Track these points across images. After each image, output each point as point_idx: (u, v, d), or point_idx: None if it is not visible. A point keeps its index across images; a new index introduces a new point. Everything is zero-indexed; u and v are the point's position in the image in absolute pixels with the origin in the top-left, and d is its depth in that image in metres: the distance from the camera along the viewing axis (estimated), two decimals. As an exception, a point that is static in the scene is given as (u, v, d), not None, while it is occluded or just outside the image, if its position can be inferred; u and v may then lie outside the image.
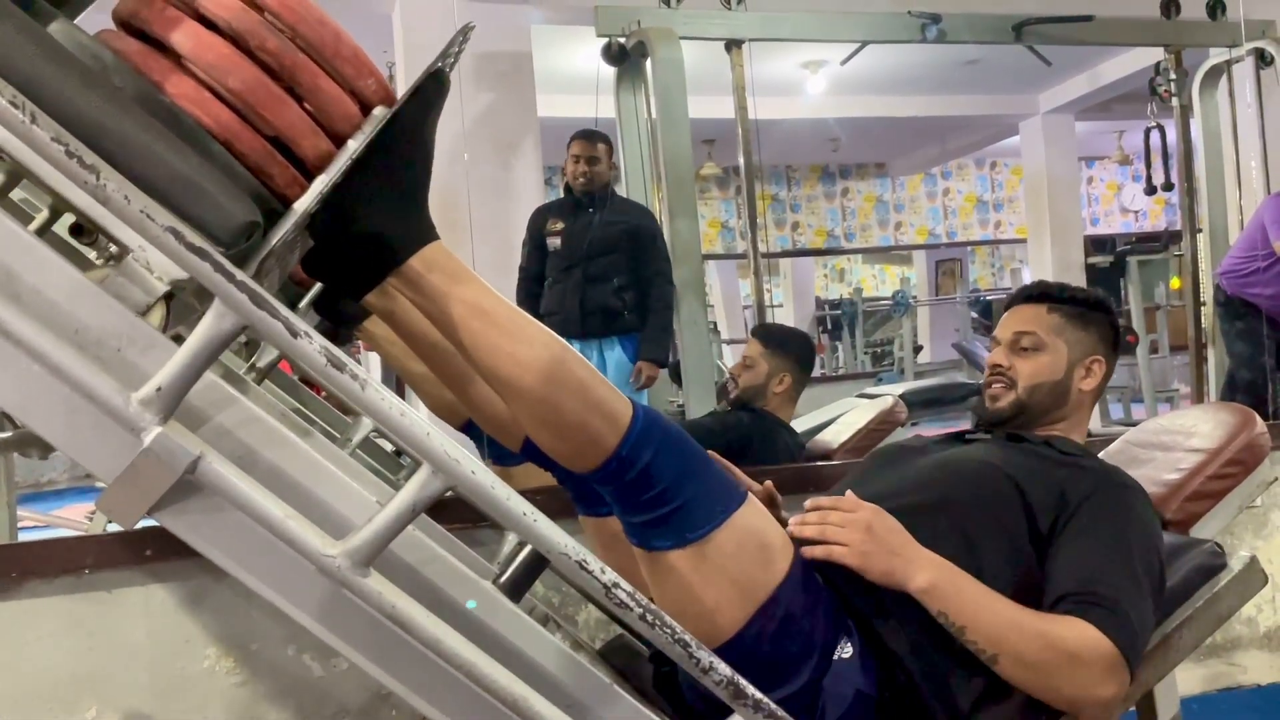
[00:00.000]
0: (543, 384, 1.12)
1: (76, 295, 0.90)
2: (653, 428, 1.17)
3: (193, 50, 0.98)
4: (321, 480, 0.97)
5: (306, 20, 1.02)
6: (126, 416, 0.86)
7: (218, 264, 0.81)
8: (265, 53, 0.99)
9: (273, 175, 1.00)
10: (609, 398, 1.16)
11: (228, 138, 0.98)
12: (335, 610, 0.97)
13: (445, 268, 1.12)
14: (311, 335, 0.84)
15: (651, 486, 1.16)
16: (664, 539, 1.20)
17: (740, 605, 1.22)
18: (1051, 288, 1.70)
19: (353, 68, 1.05)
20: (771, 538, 1.27)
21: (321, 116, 1.03)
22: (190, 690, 1.93)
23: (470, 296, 1.13)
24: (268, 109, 0.99)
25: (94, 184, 0.78)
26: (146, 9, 1.00)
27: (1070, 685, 1.25)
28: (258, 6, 1.00)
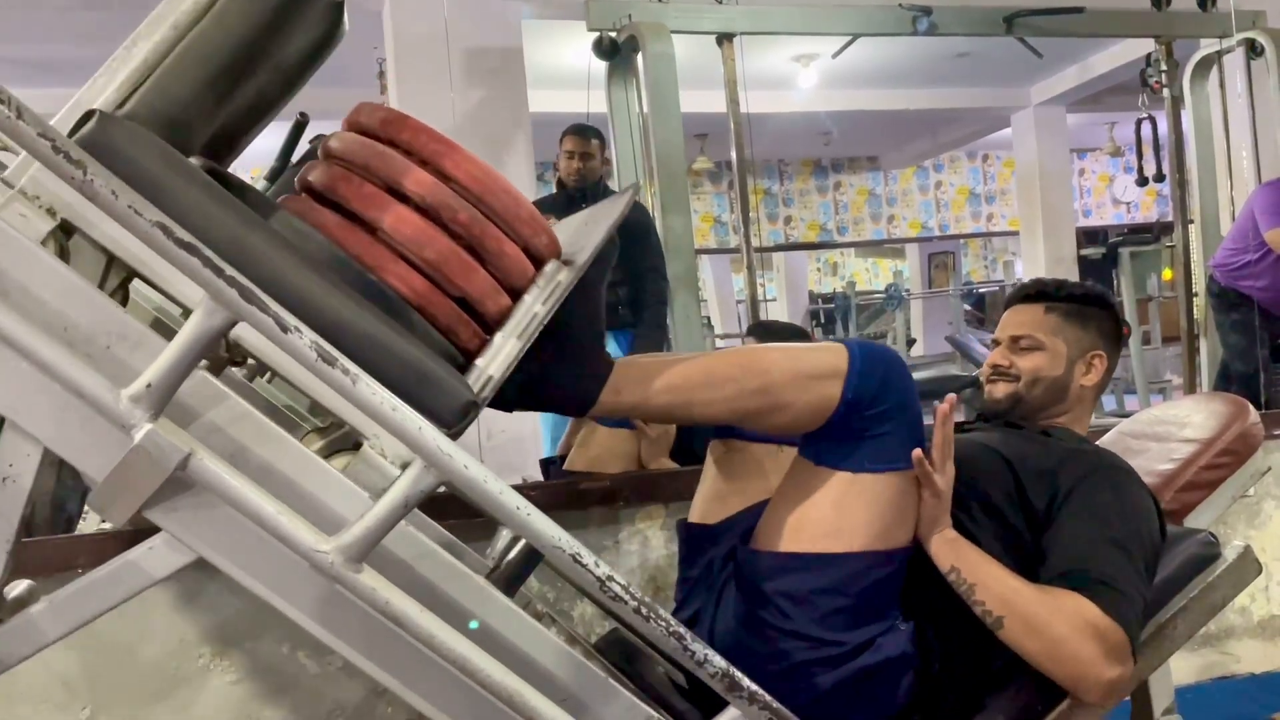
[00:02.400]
0: (772, 395, 1.22)
1: (65, 293, 0.90)
2: (871, 361, 1.24)
3: (392, 226, 1.04)
4: (314, 476, 0.97)
5: (493, 191, 1.07)
6: (116, 413, 0.85)
7: (206, 259, 0.80)
8: (458, 224, 1.05)
9: (459, 334, 1.06)
10: (822, 359, 1.24)
11: (422, 304, 1.04)
12: (329, 607, 0.96)
13: (630, 386, 1.21)
14: (302, 330, 0.83)
15: (864, 415, 1.23)
16: (844, 460, 1.27)
17: (861, 540, 1.27)
18: (1048, 286, 1.71)
19: (530, 228, 1.11)
20: (913, 511, 1.33)
21: (501, 276, 1.09)
22: (184, 689, 1.93)
23: (661, 387, 1.22)
24: (461, 277, 1.05)
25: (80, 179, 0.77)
26: (344, 184, 1.06)
27: (1073, 659, 1.27)
28: (447, 178, 1.05)
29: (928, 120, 8.06)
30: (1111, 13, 4.92)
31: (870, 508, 1.28)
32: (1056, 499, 1.41)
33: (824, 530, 1.28)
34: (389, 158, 1.06)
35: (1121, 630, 1.26)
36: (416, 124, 1.09)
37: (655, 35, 4.06)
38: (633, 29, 4.11)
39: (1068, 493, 1.40)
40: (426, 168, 1.06)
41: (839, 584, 1.28)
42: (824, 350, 1.26)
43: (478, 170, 1.07)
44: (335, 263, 1.02)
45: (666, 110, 4.07)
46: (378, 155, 1.06)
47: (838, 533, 1.28)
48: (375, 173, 1.05)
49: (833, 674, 1.28)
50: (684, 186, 4.19)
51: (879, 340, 10.72)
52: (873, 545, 1.29)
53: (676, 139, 4.12)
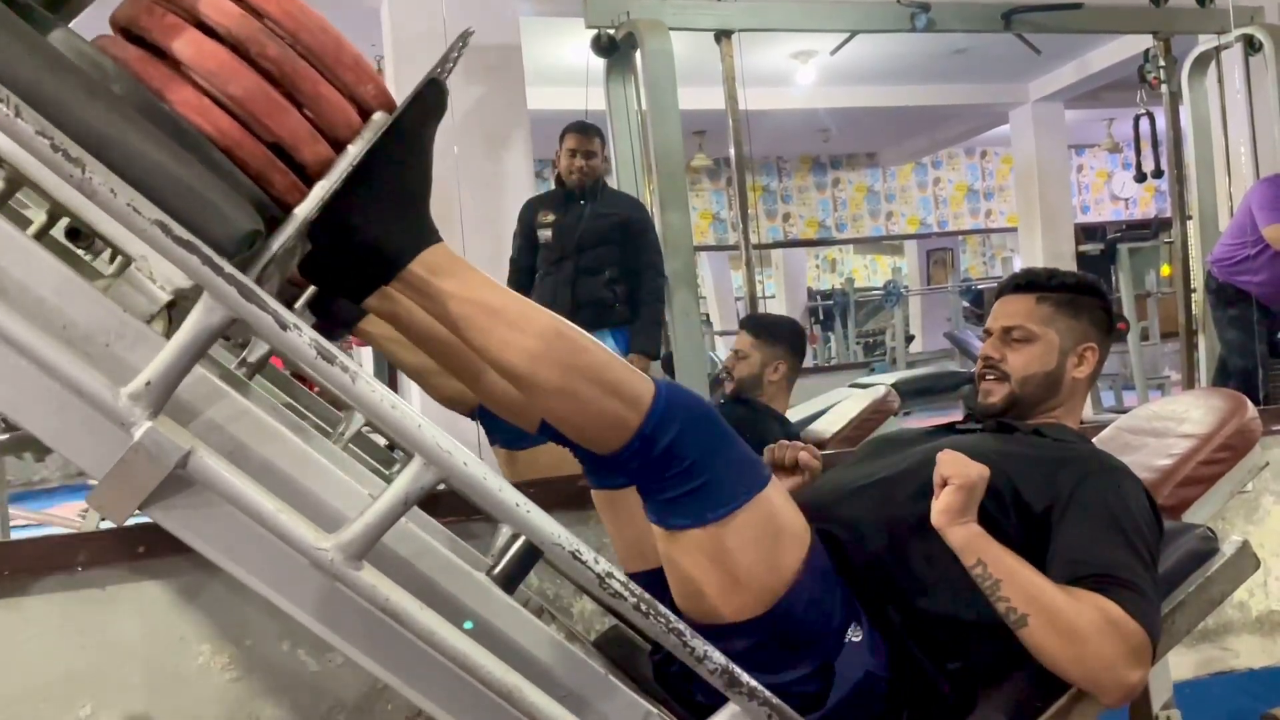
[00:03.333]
0: (559, 374, 1.13)
1: (65, 291, 0.90)
2: (675, 405, 1.17)
3: (193, 58, 0.98)
4: (313, 474, 0.97)
5: (307, 27, 1.02)
6: (116, 411, 0.85)
7: (205, 257, 0.80)
8: (266, 60, 0.99)
9: (273, 182, 1.00)
10: (628, 378, 1.17)
11: (229, 145, 0.98)
12: (329, 604, 0.97)
13: (448, 269, 1.12)
14: (301, 328, 0.84)
15: (674, 464, 1.17)
16: (683, 518, 1.21)
17: (756, 588, 1.23)
18: (1039, 276, 1.70)
19: (353, 74, 1.05)
20: (791, 522, 1.28)
21: (322, 122, 1.03)
22: (184, 687, 1.93)
23: (476, 295, 1.13)
24: (269, 116, 0.99)
25: (79, 177, 0.77)
26: (146, 16, 0.99)
27: (1096, 658, 1.25)
28: (258, 13, 1.00)
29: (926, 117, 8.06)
30: (1110, 9, 4.92)
31: (743, 550, 1.24)
32: (1057, 502, 1.39)
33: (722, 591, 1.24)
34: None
35: (1144, 632, 1.25)
36: None
37: (653, 32, 4.06)
38: (631, 26, 4.10)
39: (1069, 496, 1.39)
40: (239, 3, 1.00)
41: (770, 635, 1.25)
42: (639, 378, 1.19)
43: (292, 5, 1.02)
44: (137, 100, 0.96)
45: (665, 107, 4.07)
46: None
47: (734, 588, 1.24)
48: (179, 3, 0.99)
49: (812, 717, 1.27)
50: (683, 184, 4.19)
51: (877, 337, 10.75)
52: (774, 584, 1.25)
53: (675, 136, 4.11)
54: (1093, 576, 1.31)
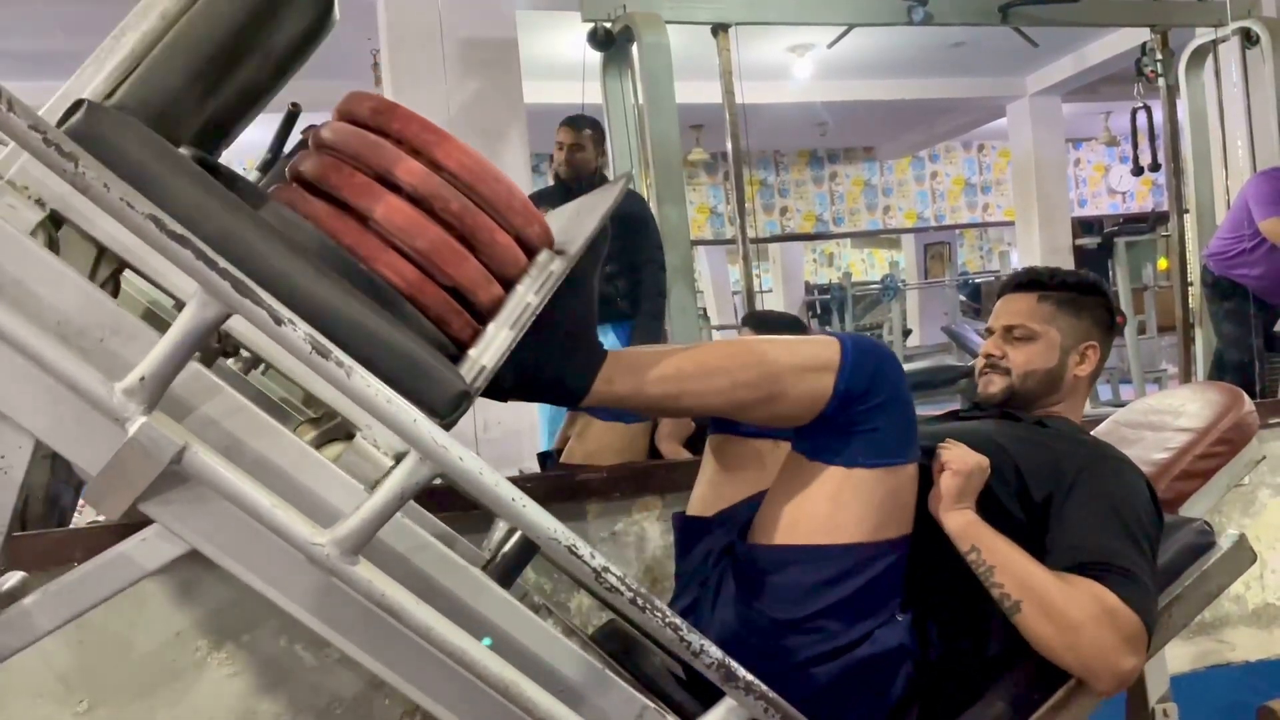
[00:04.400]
0: (765, 386, 1.21)
1: (59, 286, 0.89)
2: (863, 355, 1.23)
3: (383, 215, 1.02)
4: (309, 469, 0.96)
5: (484, 180, 1.06)
6: (110, 407, 0.85)
7: (199, 251, 0.80)
8: (449, 214, 1.04)
9: (450, 323, 1.05)
10: (815, 351, 1.23)
11: (413, 294, 1.03)
12: (325, 599, 0.96)
13: (623, 374, 1.20)
14: (296, 323, 0.83)
15: (857, 409, 1.23)
16: (837, 454, 1.25)
17: (853, 538, 1.27)
18: (1042, 274, 1.70)
19: (522, 218, 1.10)
20: (909, 504, 1.32)
21: (494, 266, 1.08)
22: (182, 683, 1.93)
23: (655, 377, 1.21)
24: (451, 265, 1.04)
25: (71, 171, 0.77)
26: (335, 174, 1.04)
27: (1090, 645, 1.26)
28: (438, 167, 1.04)
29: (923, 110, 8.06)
30: (1107, 1, 4.92)
31: (865, 502, 1.27)
32: (1059, 489, 1.40)
33: (820, 525, 1.27)
34: (380, 147, 1.05)
35: (1139, 619, 1.26)
36: (407, 113, 1.08)
37: (650, 25, 4.05)
38: (627, 19, 4.09)
39: (1071, 484, 1.40)
40: (418, 157, 1.05)
41: (836, 577, 1.28)
42: (816, 343, 1.25)
43: (469, 159, 1.06)
44: (326, 253, 1.01)
45: (662, 101, 4.06)
46: (368, 145, 1.05)
47: (834, 527, 1.27)
48: (366, 162, 1.04)
49: (830, 666, 1.28)
50: (679, 177, 4.19)
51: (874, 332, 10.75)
52: (869, 538, 1.28)
53: (672, 130, 4.11)
54: (1090, 564, 1.32)
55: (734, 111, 4.38)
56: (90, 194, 0.78)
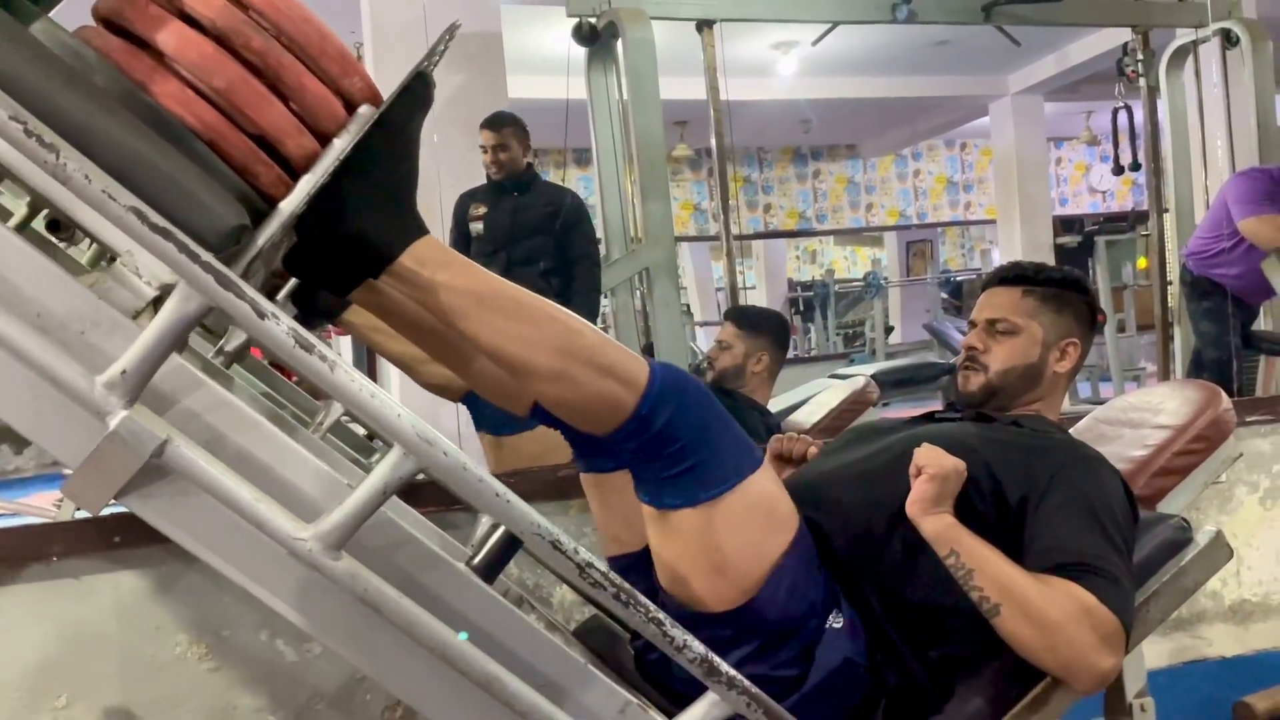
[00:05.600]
0: (555, 359, 1.13)
1: (39, 279, 0.89)
2: (670, 386, 1.18)
3: (177, 49, 0.97)
4: (291, 464, 0.96)
5: (291, 18, 1.01)
6: (91, 400, 0.85)
7: (182, 244, 0.80)
8: (250, 51, 0.98)
9: (258, 175, 0.99)
10: (623, 360, 1.17)
11: (213, 137, 0.98)
12: (307, 594, 0.96)
13: (437, 261, 1.12)
14: (279, 317, 0.83)
15: (669, 444, 1.18)
16: (676, 497, 1.22)
17: (742, 572, 1.24)
18: (1026, 269, 1.71)
19: (338, 66, 1.05)
20: (780, 506, 1.30)
21: (307, 115, 1.02)
22: (162, 678, 1.92)
23: (466, 285, 1.13)
24: (253, 108, 0.98)
25: (53, 163, 0.76)
26: (129, 7, 0.99)
27: (1069, 646, 1.26)
28: (242, 4, 0.99)
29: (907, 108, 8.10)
30: (1090, 1, 4.95)
31: (731, 532, 1.25)
32: (1034, 490, 1.40)
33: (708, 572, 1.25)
34: None
35: (1116, 619, 1.26)
36: None
37: (635, 21, 4.06)
38: (612, 15, 4.10)
39: (1046, 485, 1.40)
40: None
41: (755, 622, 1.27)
42: (633, 359, 1.20)
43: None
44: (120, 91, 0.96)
45: (646, 97, 4.07)
46: None
47: (721, 569, 1.25)
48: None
49: (789, 700, 1.28)
50: (664, 173, 4.19)
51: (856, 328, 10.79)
52: (759, 569, 1.27)
53: (656, 126, 4.11)
54: (1068, 564, 1.32)
55: (718, 108, 4.39)
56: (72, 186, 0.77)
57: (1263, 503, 2.61)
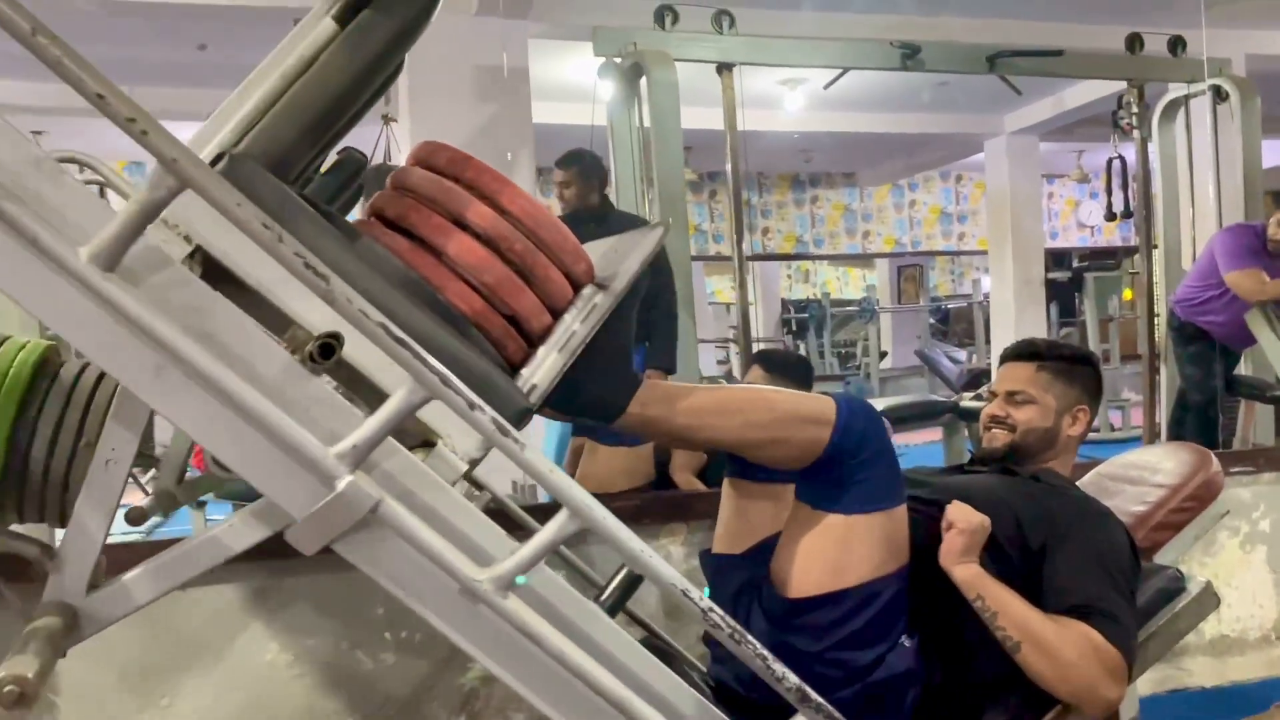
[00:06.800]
0: (771, 430, 1.44)
1: (272, 363, 1.09)
2: (855, 415, 1.45)
3: (457, 253, 1.22)
4: (464, 518, 1.16)
5: (544, 225, 1.27)
6: (325, 467, 1.05)
7: (415, 353, 1.00)
8: (513, 254, 1.24)
9: (507, 346, 1.25)
10: (814, 406, 1.46)
11: (478, 320, 1.22)
12: (475, 625, 1.16)
13: (653, 398, 1.41)
14: (484, 409, 1.04)
15: (848, 463, 1.45)
16: (836, 503, 1.47)
17: (858, 576, 1.48)
18: (1040, 346, 1.94)
19: (572, 258, 1.31)
20: (903, 540, 1.54)
21: (546, 298, 1.28)
22: (253, 682, 2.12)
23: (682, 408, 1.42)
24: (511, 297, 1.24)
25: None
26: (415, 214, 1.25)
27: (1080, 678, 1.50)
28: (504, 212, 1.24)
29: (905, 142, 8.33)
30: (1088, 56, 5.19)
31: (865, 544, 1.49)
32: (1053, 538, 1.63)
33: (830, 570, 1.49)
34: (455, 192, 1.24)
35: (1121, 655, 1.50)
36: (479, 164, 1.28)
37: (659, 63, 4.24)
38: (637, 56, 4.28)
39: (1063, 534, 1.63)
40: (487, 203, 1.24)
41: (848, 614, 1.49)
42: (817, 400, 1.48)
43: (531, 207, 1.27)
44: (408, 283, 1.19)
45: (668, 134, 4.26)
46: (445, 190, 1.24)
47: (843, 570, 1.49)
48: (443, 205, 1.23)
49: (848, 691, 1.49)
50: (683, 206, 4.39)
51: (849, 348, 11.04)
52: (872, 576, 1.50)
53: (677, 163, 4.32)
54: (1080, 606, 1.55)
55: (735, 145, 4.60)
56: (336, 306, 0.98)
57: (1242, 546, 2.85)
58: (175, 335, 0.98)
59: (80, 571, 1.19)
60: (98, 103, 0.88)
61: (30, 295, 1.02)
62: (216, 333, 1.05)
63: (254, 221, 0.95)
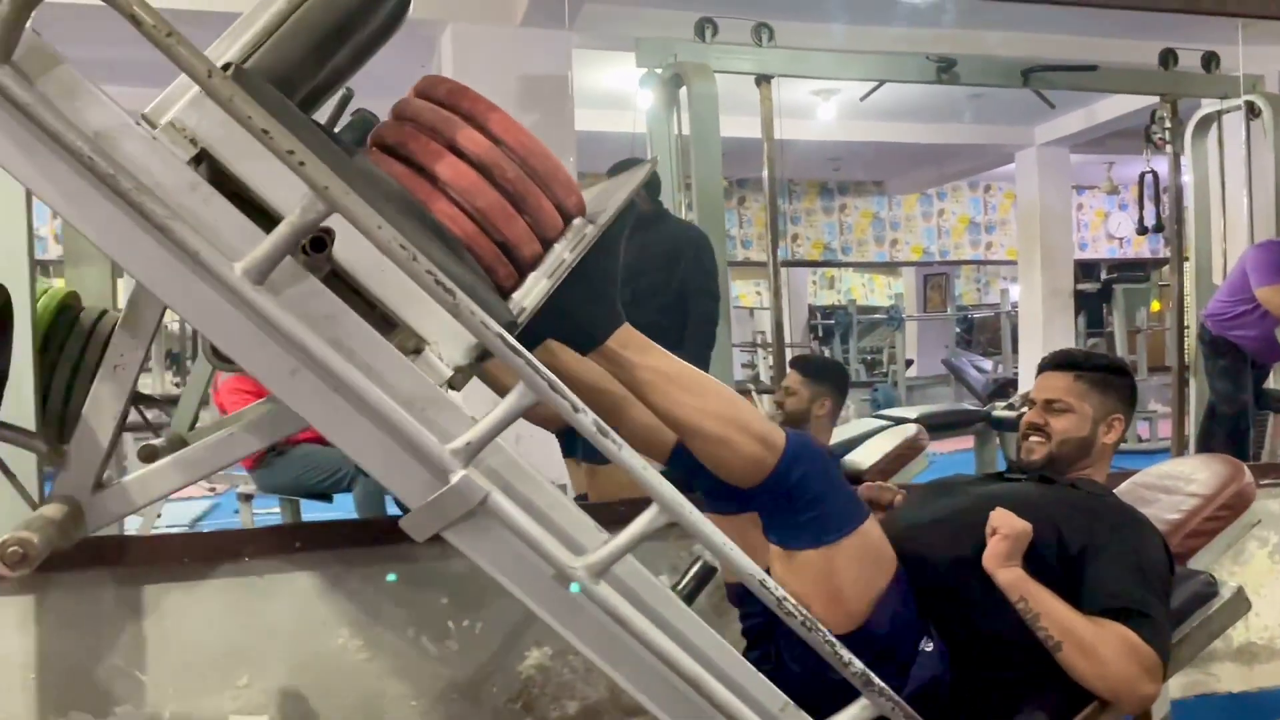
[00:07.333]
0: (720, 426, 1.47)
1: (393, 368, 1.20)
2: (803, 450, 1.51)
3: (451, 177, 1.30)
4: (559, 509, 1.27)
5: (536, 154, 1.35)
6: (442, 462, 1.16)
7: (529, 361, 1.11)
8: (505, 180, 1.31)
9: (497, 271, 1.32)
10: (767, 428, 1.50)
11: (470, 243, 1.30)
12: (568, 609, 1.27)
13: (633, 344, 1.47)
14: (586, 411, 1.15)
15: (800, 498, 1.50)
16: (802, 540, 1.53)
17: (854, 603, 1.55)
18: (1078, 357, 2.04)
19: (564, 189, 1.38)
20: (885, 550, 1.61)
21: (536, 227, 1.35)
22: (325, 665, 2.24)
23: (655, 364, 1.47)
24: (502, 223, 1.31)
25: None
26: (413, 141, 1.32)
27: (1117, 675, 1.59)
28: (498, 141, 1.31)
29: (936, 153, 8.37)
30: (1122, 71, 5.26)
31: (848, 569, 1.55)
32: (1092, 544, 1.72)
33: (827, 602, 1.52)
34: (451, 121, 1.30)
35: (1156, 655, 1.59)
36: (475, 94, 1.34)
37: (700, 75, 4.35)
38: (678, 68, 4.39)
39: (1103, 540, 1.72)
40: (483, 132, 1.30)
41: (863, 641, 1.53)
42: (773, 428, 1.52)
43: (525, 137, 1.34)
44: (405, 204, 1.25)
45: (708, 144, 4.36)
46: (442, 118, 1.31)
47: (839, 600, 1.54)
48: (439, 132, 1.29)
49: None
50: (721, 216, 4.49)
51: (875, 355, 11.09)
52: (870, 596, 1.56)
53: (715, 171, 4.41)
54: (1118, 609, 1.65)
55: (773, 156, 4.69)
56: (461, 318, 1.09)
57: (1271, 556, 2.93)
58: (316, 342, 1.10)
59: (87, 470, 1.30)
60: (263, 138, 1.00)
61: (181, 301, 1.14)
62: (345, 338, 1.16)
63: (392, 242, 1.06)
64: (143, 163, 1.10)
